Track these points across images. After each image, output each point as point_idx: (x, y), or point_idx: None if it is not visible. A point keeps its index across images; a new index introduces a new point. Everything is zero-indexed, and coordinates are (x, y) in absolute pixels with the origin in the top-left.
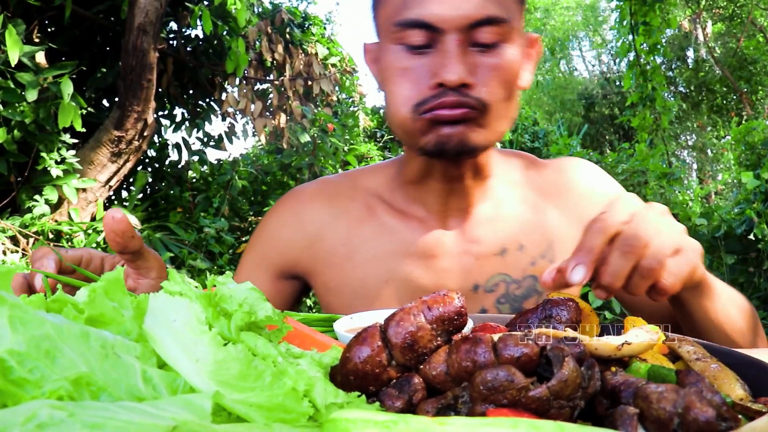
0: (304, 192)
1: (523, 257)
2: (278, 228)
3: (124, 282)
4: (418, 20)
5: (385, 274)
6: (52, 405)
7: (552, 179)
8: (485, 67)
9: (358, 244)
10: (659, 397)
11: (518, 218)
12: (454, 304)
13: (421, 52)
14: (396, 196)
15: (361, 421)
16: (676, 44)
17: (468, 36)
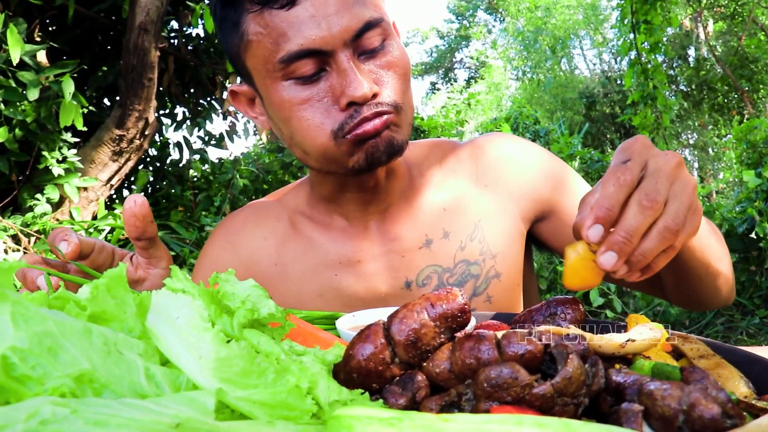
0: (234, 219)
1: (450, 243)
2: (215, 256)
3: (126, 278)
4: (303, 50)
5: (318, 288)
6: (55, 402)
7: (469, 159)
8: (381, 69)
9: (287, 262)
10: (664, 395)
11: (439, 205)
12: (458, 301)
13: (315, 79)
14: (315, 211)
15: (365, 418)
16: (677, 43)
17: (355, 47)
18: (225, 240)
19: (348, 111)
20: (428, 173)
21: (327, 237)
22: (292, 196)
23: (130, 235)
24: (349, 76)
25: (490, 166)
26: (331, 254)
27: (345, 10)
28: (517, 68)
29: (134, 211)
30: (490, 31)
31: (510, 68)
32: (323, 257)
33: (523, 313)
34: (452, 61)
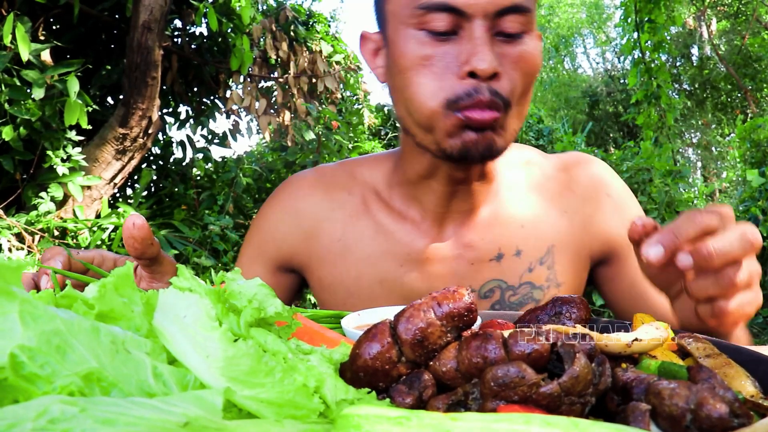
0: (301, 182)
1: (520, 263)
2: (275, 221)
3: (133, 278)
4: (445, 3)
5: (379, 275)
6: (64, 400)
7: (556, 178)
8: (510, 57)
9: (352, 241)
10: (671, 394)
11: (517, 222)
12: (464, 300)
13: (444, 39)
14: (393, 194)
15: (374, 417)
16: (680, 41)
17: (493, 24)
18: (288, 206)
19: (466, 83)
20: (514, 185)
21: (400, 227)
22: (368, 170)
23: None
24: (479, 45)
25: (575, 193)
26: (401, 245)
27: None
28: None
29: (132, 233)
30: None
31: None
32: (392, 246)
33: (528, 312)
34: None
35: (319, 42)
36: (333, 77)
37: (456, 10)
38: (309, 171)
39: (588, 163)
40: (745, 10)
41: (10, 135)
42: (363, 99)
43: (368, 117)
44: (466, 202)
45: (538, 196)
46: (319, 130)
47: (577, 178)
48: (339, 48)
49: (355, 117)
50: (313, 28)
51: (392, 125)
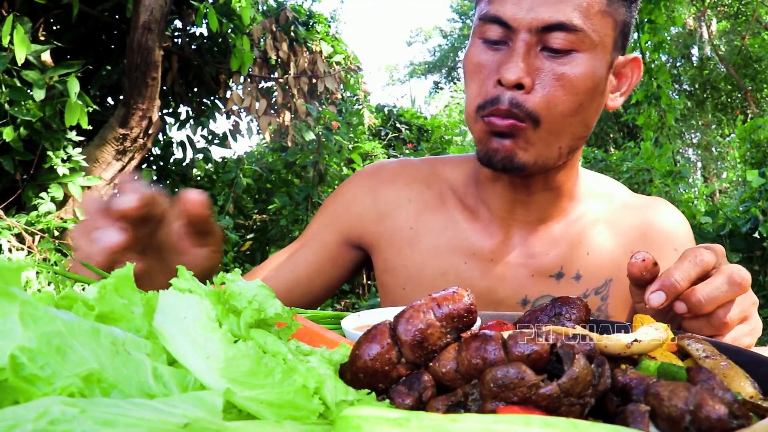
0: (386, 169)
1: (577, 287)
2: (354, 197)
3: (134, 279)
4: (495, 16)
5: (443, 267)
6: (64, 401)
7: (631, 217)
8: (549, 72)
9: (423, 231)
10: (670, 395)
11: (584, 247)
12: (464, 301)
13: (495, 48)
14: (468, 193)
15: (373, 418)
16: (680, 42)
17: (540, 38)
18: (370, 185)
19: (495, 90)
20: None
21: (470, 224)
22: (450, 169)
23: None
24: (513, 56)
25: (646, 239)
26: (469, 241)
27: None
28: None
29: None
30: None
31: None
32: (460, 242)
33: (527, 313)
34: (455, 60)
35: (320, 42)
36: (333, 78)
37: (504, 22)
38: (395, 161)
39: (667, 212)
40: (746, 11)
41: (10, 135)
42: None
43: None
44: (530, 212)
45: (610, 230)
46: (319, 130)
47: (652, 224)
48: (339, 48)
49: (356, 117)
50: (313, 28)
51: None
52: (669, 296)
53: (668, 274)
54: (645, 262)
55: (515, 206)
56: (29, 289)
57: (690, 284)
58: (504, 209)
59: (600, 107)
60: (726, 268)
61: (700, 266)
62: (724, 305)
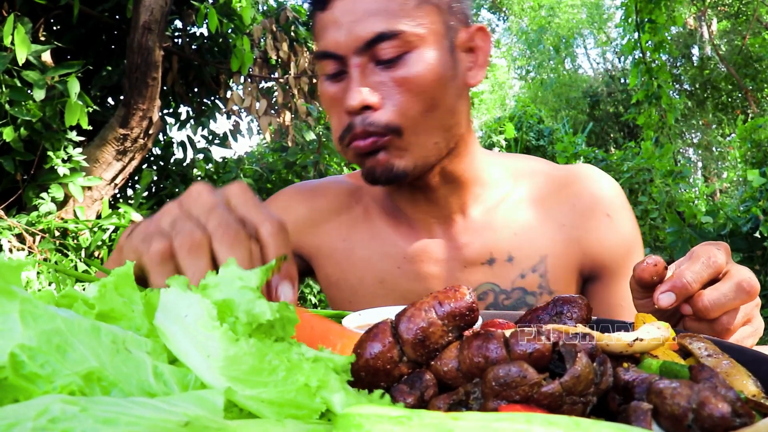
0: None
1: (513, 269)
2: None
3: (133, 277)
4: (323, 51)
5: (379, 276)
6: (64, 400)
7: (559, 190)
8: (390, 82)
9: (355, 243)
10: (673, 393)
11: (510, 229)
12: (466, 299)
13: (338, 79)
14: (388, 201)
15: (375, 416)
16: (680, 42)
17: (371, 55)
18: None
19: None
20: (511, 194)
21: (395, 230)
22: None
23: None
24: (350, 83)
25: (575, 208)
26: (397, 247)
27: (362, 19)
28: (521, 67)
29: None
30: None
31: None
32: (389, 248)
33: (529, 311)
34: None
35: None
36: None
37: (333, 54)
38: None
39: (593, 179)
40: (746, 10)
41: (10, 136)
42: None
43: None
44: (443, 207)
45: (536, 207)
46: (320, 130)
47: (579, 193)
48: None
49: None
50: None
51: None
52: (679, 298)
53: (680, 275)
54: (657, 266)
55: (425, 206)
56: (30, 289)
57: (701, 286)
58: (417, 210)
59: (460, 90)
60: (736, 274)
61: (712, 268)
62: (730, 312)
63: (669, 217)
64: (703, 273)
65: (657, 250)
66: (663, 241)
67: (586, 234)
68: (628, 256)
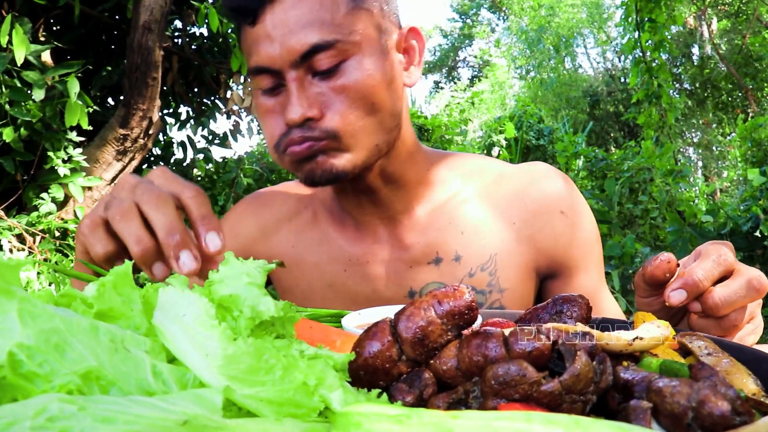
0: (265, 194)
1: (460, 268)
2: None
3: (132, 276)
4: (258, 66)
5: (328, 279)
6: (63, 399)
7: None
8: (330, 92)
9: (303, 249)
10: (673, 392)
11: (457, 228)
12: (465, 298)
13: (275, 93)
14: (334, 207)
15: (374, 415)
16: (681, 41)
17: (308, 67)
18: (252, 210)
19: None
20: (458, 192)
21: (340, 233)
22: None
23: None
24: (289, 97)
25: (527, 206)
26: (343, 250)
27: (295, 32)
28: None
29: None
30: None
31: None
32: (336, 252)
33: (528, 310)
34: (456, 59)
35: None
36: None
37: (268, 69)
38: (275, 186)
39: (546, 177)
40: (746, 10)
41: (10, 136)
42: None
43: None
44: (388, 208)
45: (485, 205)
46: None
47: (530, 192)
48: None
49: None
50: None
51: None
52: (690, 296)
53: (691, 273)
54: (670, 263)
55: (369, 207)
56: (30, 290)
57: (712, 284)
58: (361, 212)
59: (398, 91)
60: (745, 272)
61: (723, 266)
62: (738, 309)
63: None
64: (714, 271)
65: (657, 249)
66: (663, 241)
67: (539, 232)
68: (586, 252)
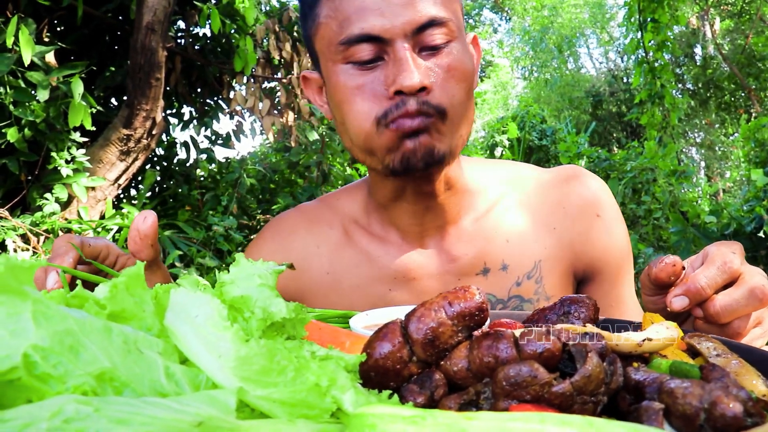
0: (286, 222)
1: (507, 277)
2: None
3: (144, 277)
4: (363, 35)
5: (370, 301)
6: (78, 400)
7: (546, 193)
8: (439, 68)
9: (340, 272)
10: (685, 393)
11: (502, 236)
12: (475, 299)
13: (371, 67)
14: (371, 220)
15: (388, 416)
16: (683, 41)
17: (416, 41)
18: (276, 244)
19: (395, 100)
20: (499, 200)
21: (383, 250)
22: (346, 202)
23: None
24: (403, 64)
25: (566, 210)
26: (387, 269)
27: (411, 3)
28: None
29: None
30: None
31: (516, 67)
32: (378, 271)
33: (536, 311)
34: None
35: None
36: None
37: (375, 38)
38: (291, 211)
39: (582, 180)
40: (749, 9)
41: (15, 137)
42: None
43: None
44: (440, 216)
45: (526, 212)
46: (323, 130)
47: (569, 196)
48: None
49: None
50: None
51: None
52: (692, 302)
53: (694, 280)
54: (675, 267)
55: (425, 216)
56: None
57: (715, 291)
58: (414, 223)
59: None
60: (749, 280)
61: (727, 274)
62: (742, 317)
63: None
64: (718, 278)
65: (660, 249)
66: (666, 241)
67: (578, 236)
68: (620, 256)
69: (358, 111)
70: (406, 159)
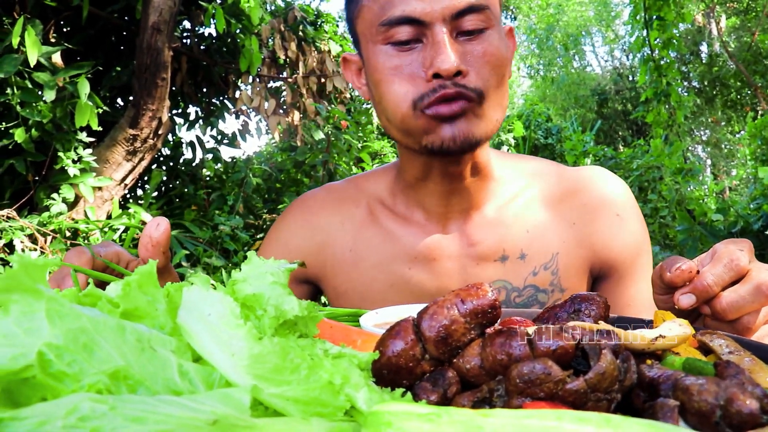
0: (313, 199)
1: (525, 266)
2: (289, 235)
3: (156, 276)
4: (403, 16)
5: (390, 279)
6: (93, 398)
7: (568, 190)
8: (475, 54)
9: (363, 250)
10: (700, 390)
11: (522, 225)
12: (488, 296)
13: (409, 48)
14: (397, 201)
15: (404, 414)
16: (689, 39)
17: (454, 26)
18: (302, 219)
19: (432, 83)
20: (523, 191)
21: (406, 230)
22: (373, 183)
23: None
24: (441, 48)
25: (586, 208)
26: (408, 248)
27: None
28: (530, 66)
29: (152, 234)
30: None
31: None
32: (399, 250)
33: (546, 309)
34: None
35: (328, 42)
36: (342, 77)
37: (415, 20)
38: (319, 189)
39: (605, 180)
40: (755, 7)
41: (22, 137)
42: None
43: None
44: (465, 200)
45: (548, 205)
46: (329, 129)
47: (590, 194)
48: (347, 47)
49: (364, 117)
50: (321, 28)
51: None
52: (699, 300)
53: (702, 277)
54: (691, 274)
55: (450, 197)
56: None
57: (722, 289)
58: (440, 204)
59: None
60: (756, 276)
61: (734, 271)
62: (750, 313)
63: (679, 215)
64: (725, 276)
65: (667, 248)
66: (673, 239)
67: (597, 233)
68: (637, 256)
69: (396, 92)
70: (443, 142)
